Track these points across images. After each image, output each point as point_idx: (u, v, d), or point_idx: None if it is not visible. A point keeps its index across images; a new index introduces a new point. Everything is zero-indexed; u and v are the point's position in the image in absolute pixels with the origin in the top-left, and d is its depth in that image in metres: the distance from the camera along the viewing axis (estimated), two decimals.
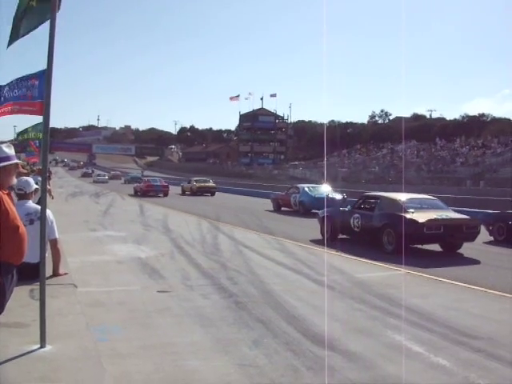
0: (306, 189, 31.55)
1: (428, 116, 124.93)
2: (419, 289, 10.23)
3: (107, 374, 4.96)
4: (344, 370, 5.77)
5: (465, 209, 24.88)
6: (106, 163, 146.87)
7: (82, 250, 13.78)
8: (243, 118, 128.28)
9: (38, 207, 7.41)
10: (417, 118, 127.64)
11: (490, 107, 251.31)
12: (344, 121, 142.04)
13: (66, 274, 8.96)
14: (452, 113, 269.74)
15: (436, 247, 15.82)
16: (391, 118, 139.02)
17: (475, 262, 14.20)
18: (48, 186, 8.75)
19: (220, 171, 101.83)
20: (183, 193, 52.00)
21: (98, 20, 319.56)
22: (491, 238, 18.20)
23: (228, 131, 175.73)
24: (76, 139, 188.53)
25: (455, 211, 17.04)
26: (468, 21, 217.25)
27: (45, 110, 5.67)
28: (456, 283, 10.63)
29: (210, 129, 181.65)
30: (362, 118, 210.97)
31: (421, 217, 14.78)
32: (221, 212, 30.06)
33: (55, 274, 8.71)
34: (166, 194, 47.72)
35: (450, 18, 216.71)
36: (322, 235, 18.16)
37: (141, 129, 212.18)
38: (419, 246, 15.64)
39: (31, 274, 6.93)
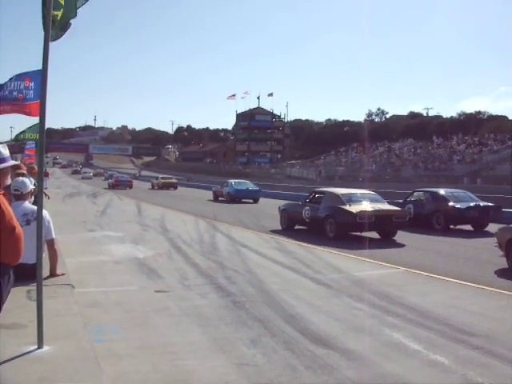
0: (232, 183, 42.07)
1: (425, 114, 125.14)
2: (417, 287, 10.24)
3: (105, 375, 4.94)
4: (342, 369, 5.76)
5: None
6: (102, 163, 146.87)
7: (80, 250, 13.77)
8: (240, 117, 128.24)
9: (35, 208, 7.38)
10: (413, 116, 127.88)
11: (486, 105, 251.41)
12: (341, 119, 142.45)
13: (63, 274, 8.92)
14: (449, 110, 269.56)
15: (375, 234, 18.28)
16: (388, 116, 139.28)
17: (401, 245, 16.87)
18: (33, 186, 8.69)
19: (217, 170, 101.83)
20: (152, 187, 63.72)
21: (94, 20, 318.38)
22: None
23: (225, 130, 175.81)
24: (73, 140, 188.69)
25: None
26: (464, 19, 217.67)
27: (41, 111, 5.66)
28: (455, 281, 10.63)
29: (207, 128, 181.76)
30: (359, 117, 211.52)
31: (355, 208, 17.61)
32: (173, 201, 39.84)
33: (52, 274, 8.68)
34: (130, 187, 62.08)
35: (446, 16, 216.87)
36: (281, 226, 21.18)
37: (138, 129, 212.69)
38: (361, 234, 17.65)
39: (28, 274, 6.90)
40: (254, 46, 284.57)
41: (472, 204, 21.05)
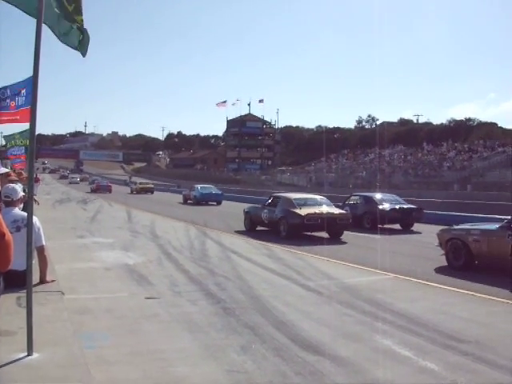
0: (198, 187, 47.76)
1: (415, 121, 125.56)
2: (407, 293, 10.27)
3: (95, 382, 4.93)
4: (333, 375, 5.78)
5: (452, 213, 25.81)
6: (93, 170, 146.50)
7: (70, 256, 13.72)
8: (230, 123, 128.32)
9: (25, 214, 7.38)
10: (404, 122, 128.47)
11: (476, 111, 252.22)
12: (331, 126, 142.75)
13: (53, 281, 8.91)
14: (439, 117, 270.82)
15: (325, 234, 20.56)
16: (378, 122, 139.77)
17: (344, 242, 19.64)
18: (23, 193, 8.68)
19: (207, 177, 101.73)
20: (131, 192, 67.84)
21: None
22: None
23: (215, 137, 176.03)
24: (63, 146, 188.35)
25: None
26: (455, 25, 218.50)
27: (31, 117, 5.66)
28: (444, 287, 10.68)
29: (198, 135, 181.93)
30: (349, 123, 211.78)
31: (304, 211, 20.32)
32: (143, 202, 45.36)
33: (42, 281, 8.66)
34: (110, 191, 67.06)
35: (436, 22, 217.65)
36: (245, 227, 23.78)
37: (128, 135, 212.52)
38: (313, 234, 20.66)
39: (18, 281, 6.88)
40: (245, 52, 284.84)
41: (397, 206, 24.62)
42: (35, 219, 7.64)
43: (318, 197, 23.52)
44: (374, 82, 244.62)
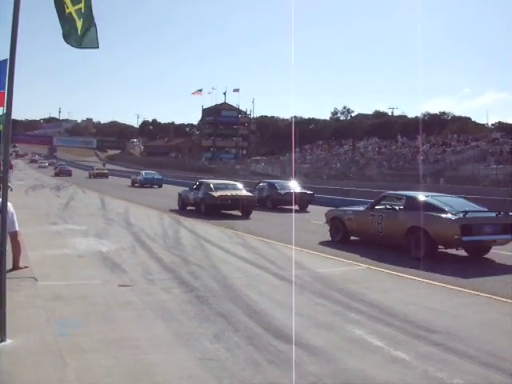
0: (143, 173, 57.29)
1: (390, 113, 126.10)
2: (379, 284, 10.36)
3: (69, 368, 4.93)
4: (305, 364, 5.82)
5: (341, 197, 28.92)
6: (66, 156, 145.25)
7: (43, 243, 13.65)
8: (206, 112, 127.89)
9: None
10: (378, 115, 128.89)
11: (450, 106, 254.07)
12: (306, 117, 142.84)
13: (26, 267, 8.86)
14: (413, 111, 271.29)
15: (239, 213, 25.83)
16: (353, 114, 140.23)
17: (249, 219, 24.76)
18: None
19: (182, 165, 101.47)
20: (89, 176, 74.12)
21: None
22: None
23: (190, 125, 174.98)
24: (37, 131, 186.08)
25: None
26: (430, 19, 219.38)
27: (7, 101, 5.60)
28: (416, 278, 10.79)
29: (173, 123, 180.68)
30: (325, 115, 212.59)
31: (217, 194, 25.55)
32: (101, 185, 52.14)
33: (15, 267, 8.62)
34: (70, 175, 75.52)
35: (412, 16, 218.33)
36: (178, 206, 28.62)
37: (102, 122, 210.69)
38: (229, 212, 25.99)
39: None
40: (221, 41, 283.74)
41: (291, 191, 29.67)
42: (9, 205, 7.58)
43: (234, 183, 29.53)
44: (350, 74, 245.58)
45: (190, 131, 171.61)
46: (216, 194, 25.48)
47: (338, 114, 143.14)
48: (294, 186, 31.76)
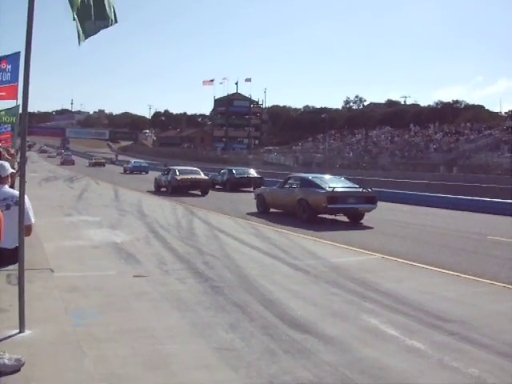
0: (132, 161, 73.06)
1: (402, 102, 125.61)
2: (394, 273, 10.36)
3: (87, 359, 4.97)
4: (320, 353, 5.84)
5: (438, 194, 26.34)
6: (79, 148, 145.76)
7: (58, 235, 13.72)
8: (218, 102, 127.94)
9: (15, 192, 7.34)
10: (391, 104, 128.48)
11: (463, 94, 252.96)
12: (318, 106, 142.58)
13: None
14: (426, 99, 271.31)
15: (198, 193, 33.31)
16: (366, 103, 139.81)
17: (203, 197, 32.03)
18: (13, 170, 8.58)
19: (194, 156, 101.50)
20: (89, 165, 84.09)
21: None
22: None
23: (202, 116, 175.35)
24: (49, 123, 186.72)
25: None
26: (442, 7, 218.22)
27: (23, 94, 5.63)
28: (430, 268, 10.77)
29: (185, 113, 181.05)
30: (337, 104, 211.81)
31: (180, 177, 33.31)
32: (99, 173, 61.38)
33: None
34: (73, 164, 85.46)
35: (424, 4, 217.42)
36: (154, 188, 35.72)
37: (115, 113, 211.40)
38: (193, 192, 33.50)
39: (7, 259, 6.90)
40: (233, 32, 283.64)
41: (245, 175, 39.16)
42: (26, 197, 7.61)
43: (196, 169, 37.13)
44: (362, 63, 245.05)
45: (202, 121, 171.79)
46: (179, 177, 33.29)
47: (351, 103, 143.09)
48: (251, 172, 40.84)
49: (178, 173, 33.75)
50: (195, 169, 36.81)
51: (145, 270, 10.04)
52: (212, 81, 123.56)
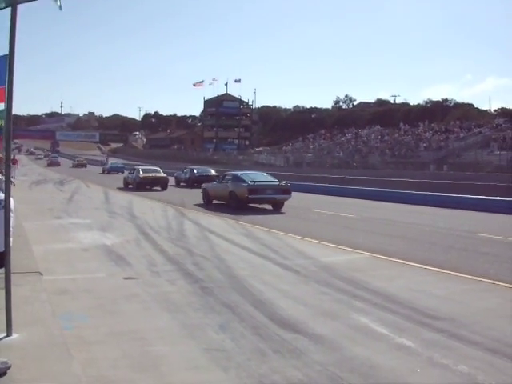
0: (110, 163, 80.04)
1: (392, 101, 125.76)
2: (384, 271, 10.38)
3: (75, 361, 4.95)
4: (311, 353, 5.84)
5: (428, 193, 26.43)
6: (69, 150, 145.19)
7: (47, 237, 13.69)
8: (208, 103, 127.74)
9: (2, 196, 7.32)
10: (381, 103, 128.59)
11: (452, 92, 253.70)
12: (308, 106, 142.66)
13: None
14: (415, 98, 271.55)
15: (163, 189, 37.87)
16: (355, 103, 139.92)
17: (166, 192, 36.09)
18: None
19: (184, 157, 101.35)
20: (73, 166, 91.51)
21: (62, 8, 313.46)
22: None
23: (192, 117, 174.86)
24: (39, 126, 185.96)
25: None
26: (431, 5, 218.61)
27: (7, 96, 5.60)
28: (420, 266, 10.80)
29: (175, 115, 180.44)
30: (327, 103, 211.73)
31: (143, 175, 38.54)
32: (79, 173, 67.73)
33: None
34: (58, 165, 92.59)
35: (412, 2, 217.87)
36: (124, 185, 40.55)
37: (105, 115, 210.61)
38: (151, 188, 38.17)
39: None
40: (222, 33, 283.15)
41: (204, 174, 42.18)
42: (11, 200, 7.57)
43: (156, 168, 42.94)
44: (352, 63, 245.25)
45: (192, 123, 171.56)
46: (142, 175, 38.70)
47: (340, 103, 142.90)
48: (210, 171, 44.14)
49: (141, 172, 39.33)
50: (156, 168, 42.91)
51: (135, 271, 10.03)
52: (202, 82, 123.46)
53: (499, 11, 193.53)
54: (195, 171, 43.45)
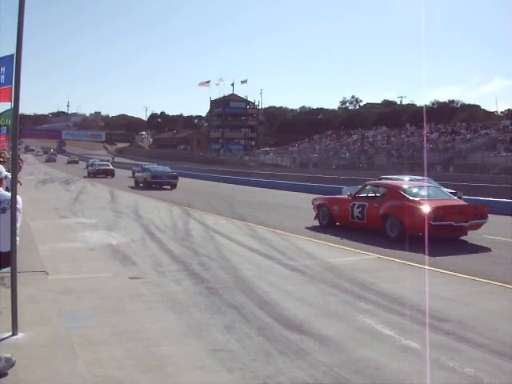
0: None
1: (398, 102, 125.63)
2: (389, 273, 10.35)
3: (80, 361, 4.95)
4: (316, 354, 5.83)
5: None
6: (75, 150, 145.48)
7: (53, 237, 13.70)
8: (214, 103, 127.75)
9: (9, 195, 7.31)
10: (387, 104, 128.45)
11: (459, 94, 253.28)
12: (315, 107, 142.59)
13: None
14: (422, 99, 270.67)
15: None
16: (362, 104, 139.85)
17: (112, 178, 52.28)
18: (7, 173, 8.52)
19: (190, 157, 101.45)
20: (68, 163, 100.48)
21: (68, 8, 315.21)
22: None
23: (199, 117, 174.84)
24: (45, 126, 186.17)
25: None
26: (437, 7, 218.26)
27: (14, 96, 5.60)
28: (426, 267, 10.75)
29: (181, 115, 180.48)
30: (333, 104, 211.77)
31: (97, 168, 57.06)
32: (69, 168, 78.58)
33: None
34: (54, 161, 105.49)
35: (418, 3, 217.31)
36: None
37: (111, 115, 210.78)
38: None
39: (4, 262, 6.87)
40: (228, 33, 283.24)
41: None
42: (19, 199, 7.55)
43: (107, 162, 60.07)
44: (358, 64, 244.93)
45: (198, 123, 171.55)
46: (96, 167, 53.10)
47: (347, 104, 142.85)
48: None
49: (96, 164, 57.28)
50: (106, 162, 60.46)
51: (140, 271, 10.03)
52: (208, 82, 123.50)
53: (506, 13, 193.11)
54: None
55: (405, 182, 18.60)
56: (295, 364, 5.54)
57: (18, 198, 5.82)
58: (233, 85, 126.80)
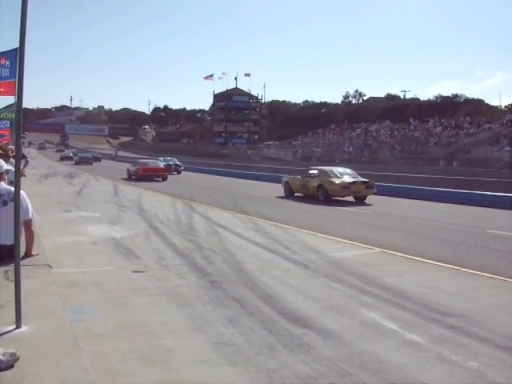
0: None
1: (402, 96, 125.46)
2: (393, 267, 10.34)
3: (84, 354, 4.95)
4: (320, 348, 5.82)
5: (438, 188, 26.25)
6: (79, 144, 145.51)
7: (56, 230, 13.69)
8: (217, 97, 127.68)
9: (11, 188, 7.31)
10: (390, 98, 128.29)
11: (462, 88, 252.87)
12: (318, 101, 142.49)
13: (37, 254, 8.84)
14: (425, 93, 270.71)
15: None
16: (365, 98, 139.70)
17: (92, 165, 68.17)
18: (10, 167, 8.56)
19: (194, 151, 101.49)
20: (60, 159, 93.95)
21: (72, 2, 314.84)
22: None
23: (202, 111, 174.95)
24: (48, 120, 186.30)
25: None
26: (441, 2, 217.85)
27: (18, 90, 5.59)
28: (430, 262, 10.75)
29: (184, 109, 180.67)
30: (336, 98, 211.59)
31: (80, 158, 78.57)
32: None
33: (28, 255, 8.58)
34: (44, 149, 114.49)
35: None
36: (73, 163, 71.56)
37: (114, 109, 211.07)
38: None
39: (5, 255, 6.87)
40: (232, 27, 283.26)
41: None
42: (22, 193, 7.56)
43: (89, 155, 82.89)
44: (362, 58, 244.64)
45: (201, 117, 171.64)
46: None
47: (350, 98, 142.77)
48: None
49: (78, 155, 78.76)
50: (89, 155, 78.75)
51: (144, 265, 10.04)
52: (211, 76, 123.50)
53: (508, 7, 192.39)
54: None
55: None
56: (299, 358, 5.54)
57: (22, 191, 5.81)
58: (236, 78, 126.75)
